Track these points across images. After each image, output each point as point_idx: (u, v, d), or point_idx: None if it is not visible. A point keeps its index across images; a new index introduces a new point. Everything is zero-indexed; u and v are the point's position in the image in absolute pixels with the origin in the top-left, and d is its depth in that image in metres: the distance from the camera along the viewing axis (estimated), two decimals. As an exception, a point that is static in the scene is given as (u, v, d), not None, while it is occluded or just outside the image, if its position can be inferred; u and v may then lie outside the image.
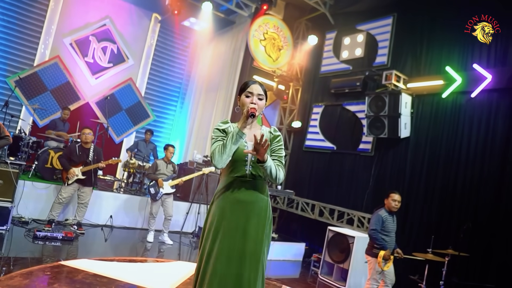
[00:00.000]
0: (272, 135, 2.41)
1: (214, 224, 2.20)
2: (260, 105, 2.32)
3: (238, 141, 2.14)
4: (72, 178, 5.63)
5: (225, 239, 2.15)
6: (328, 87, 7.67)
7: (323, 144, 7.65)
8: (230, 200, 2.22)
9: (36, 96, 8.17)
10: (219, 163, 2.15)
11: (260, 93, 2.32)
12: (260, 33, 8.22)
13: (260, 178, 2.29)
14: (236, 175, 2.25)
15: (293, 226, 7.89)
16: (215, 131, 2.31)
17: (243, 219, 2.20)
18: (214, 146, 2.19)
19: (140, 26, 9.47)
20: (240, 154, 2.23)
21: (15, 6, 7.99)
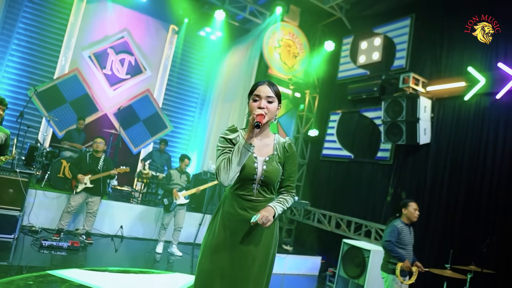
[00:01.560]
0: (286, 153, 2.10)
1: (216, 242, 1.96)
2: (271, 109, 1.98)
3: (246, 154, 1.86)
4: (81, 185, 5.61)
5: (226, 260, 1.93)
6: (346, 94, 7.39)
7: (340, 153, 7.33)
8: (232, 218, 1.98)
9: (56, 108, 8.33)
10: (225, 181, 1.87)
11: (270, 95, 1.99)
12: (275, 40, 8.07)
13: (268, 197, 2.04)
14: (241, 193, 1.99)
15: (309, 238, 7.55)
16: (221, 140, 2.02)
17: (247, 241, 1.96)
18: (219, 160, 1.92)
19: (157, 37, 9.55)
20: (247, 171, 1.96)
21: (37, 21, 8.23)
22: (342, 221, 6.71)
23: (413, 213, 4.15)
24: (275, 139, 2.13)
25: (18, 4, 8.06)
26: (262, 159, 2.03)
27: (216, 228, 2.00)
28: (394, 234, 4.10)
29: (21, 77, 8.12)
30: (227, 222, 1.98)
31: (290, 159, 2.12)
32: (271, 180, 2.02)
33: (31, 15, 8.20)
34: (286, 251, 6.66)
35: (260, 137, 2.08)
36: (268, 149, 2.08)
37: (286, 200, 2.09)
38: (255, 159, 2.01)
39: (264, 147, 2.08)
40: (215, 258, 1.93)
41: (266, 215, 1.88)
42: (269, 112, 1.98)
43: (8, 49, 8.03)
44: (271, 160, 2.04)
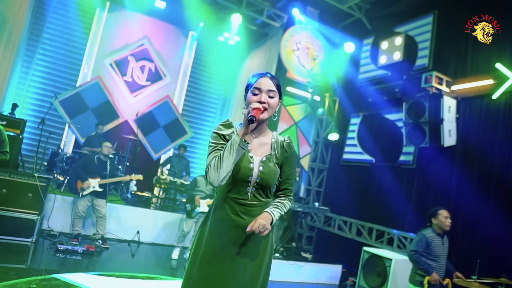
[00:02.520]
0: (285, 153, 1.91)
1: (205, 249, 1.80)
2: (272, 105, 1.82)
3: (239, 153, 1.69)
4: (88, 189, 5.63)
5: (216, 268, 1.77)
6: (366, 96, 7.14)
7: (361, 157, 7.06)
8: (224, 223, 1.81)
9: (78, 115, 8.49)
10: (215, 181, 1.69)
11: (272, 89, 1.82)
12: (293, 43, 7.93)
13: (264, 201, 1.86)
14: (234, 196, 1.82)
15: (330, 246, 7.29)
16: (213, 136, 1.83)
17: (239, 248, 1.80)
18: (210, 157, 1.75)
19: (177, 44, 9.62)
20: (242, 172, 1.79)
21: (61, 31, 8.47)
22: (364, 228, 6.44)
23: (444, 221, 3.87)
24: (273, 138, 1.95)
25: (43, 16, 8.33)
26: (258, 159, 1.85)
27: (206, 233, 1.85)
28: (421, 244, 3.83)
29: (46, 85, 8.35)
30: (218, 227, 1.83)
31: (289, 160, 1.94)
32: (267, 183, 1.84)
33: (55, 26, 8.44)
34: (304, 259, 6.44)
35: (257, 135, 1.90)
36: (265, 149, 1.90)
37: (284, 204, 1.93)
38: (250, 159, 1.83)
39: (261, 146, 1.90)
40: (204, 266, 1.78)
41: (263, 223, 1.72)
42: (270, 108, 1.82)
43: (34, 58, 8.29)
44: (268, 161, 1.86)
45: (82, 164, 5.93)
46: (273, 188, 1.94)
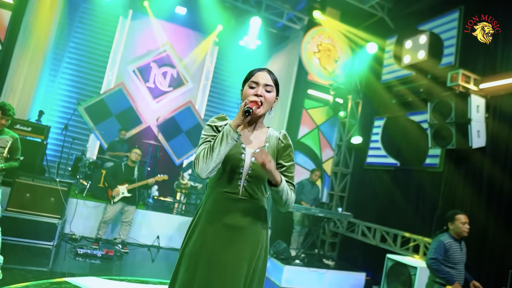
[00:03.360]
0: (281, 144, 1.84)
1: (193, 248, 1.71)
2: (268, 99, 1.77)
3: (230, 144, 1.63)
4: (117, 196, 5.67)
5: (204, 269, 1.66)
6: (390, 97, 6.88)
7: (385, 161, 6.80)
8: (213, 222, 1.72)
9: (103, 121, 8.68)
10: (203, 171, 1.62)
11: (269, 83, 1.78)
12: (314, 45, 7.80)
13: (257, 198, 1.76)
14: (225, 190, 1.73)
15: (353, 253, 7.04)
16: (206, 128, 1.78)
17: (228, 249, 1.69)
18: (200, 148, 1.69)
19: (198, 49, 9.67)
20: (233, 163, 1.72)
21: (86, 40, 8.72)
22: (388, 235, 6.17)
23: (461, 227, 3.63)
24: (268, 132, 1.87)
25: (70, 25, 8.59)
26: (251, 151, 1.77)
27: (194, 232, 1.76)
28: (440, 251, 3.60)
29: (72, 92, 8.59)
30: (207, 225, 1.73)
31: (286, 151, 1.85)
32: (259, 175, 1.74)
33: (80, 35, 8.70)
34: (326, 266, 6.24)
35: (251, 129, 1.84)
36: (259, 141, 1.83)
37: (291, 192, 1.78)
38: (242, 150, 1.76)
39: (255, 138, 1.83)
40: (192, 266, 1.69)
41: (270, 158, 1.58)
42: (266, 102, 1.77)
43: (61, 67, 8.55)
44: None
45: (110, 171, 6.01)
46: (266, 184, 1.80)
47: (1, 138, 3.82)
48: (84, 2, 8.56)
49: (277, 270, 5.87)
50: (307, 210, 6.13)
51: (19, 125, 5.99)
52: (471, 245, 4.34)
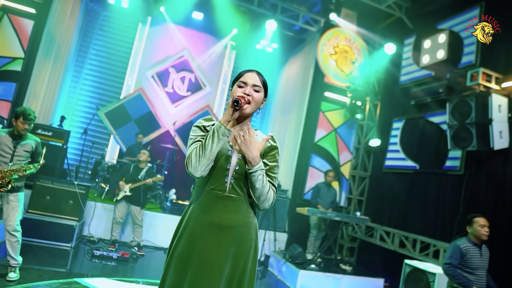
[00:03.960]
0: (267, 144, 1.85)
1: (180, 250, 1.70)
2: (256, 98, 1.79)
3: (222, 140, 1.65)
4: (121, 193, 5.77)
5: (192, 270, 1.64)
6: (409, 99, 6.71)
7: (404, 164, 6.62)
8: (201, 221, 1.70)
9: (122, 126, 8.85)
10: (196, 170, 1.64)
11: (257, 84, 1.81)
12: (330, 47, 7.71)
13: (244, 195, 1.76)
14: (212, 188, 1.73)
15: (372, 258, 6.87)
16: (193, 129, 1.80)
17: (215, 250, 1.67)
18: (190, 148, 1.70)
19: (216, 54, 9.74)
20: (220, 161, 1.73)
21: (106, 47, 8.94)
22: (407, 240, 5.99)
23: (480, 230, 3.48)
24: (256, 133, 1.90)
25: (91, 33, 8.84)
26: (237, 149, 1.79)
27: (182, 232, 1.75)
28: (456, 256, 3.47)
29: (93, 98, 8.80)
30: (194, 225, 1.72)
31: (271, 152, 1.85)
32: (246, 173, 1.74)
33: (101, 42, 8.92)
34: (343, 271, 6.11)
35: (239, 129, 1.85)
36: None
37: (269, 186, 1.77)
38: (230, 147, 1.78)
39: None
40: (180, 267, 1.67)
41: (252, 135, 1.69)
42: (254, 101, 1.79)
43: (82, 73, 8.79)
44: None
45: (120, 172, 6.14)
46: None
47: (26, 143, 3.94)
48: (104, 10, 8.78)
49: (292, 274, 5.79)
50: (323, 214, 6.03)
51: (41, 130, 6.18)
52: (494, 251, 4.15)
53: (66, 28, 7.23)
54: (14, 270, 3.91)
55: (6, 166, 3.80)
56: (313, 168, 7.76)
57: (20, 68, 6.10)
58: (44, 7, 6.23)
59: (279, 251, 6.87)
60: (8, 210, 3.88)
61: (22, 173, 3.82)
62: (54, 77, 7.18)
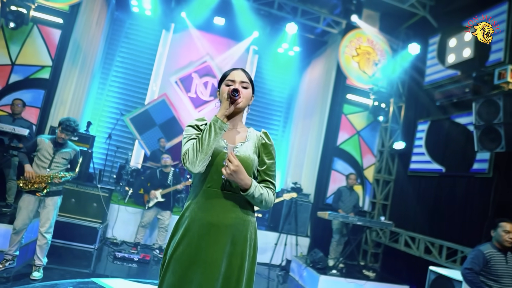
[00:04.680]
0: (262, 141, 1.85)
1: (177, 251, 1.68)
2: (245, 94, 1.80)
3: (219, 134, 1.64)
4: (153, 200, 5.85)
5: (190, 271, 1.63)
6: (434, 100, 6.49)
7: (429, 167, 6.40)
8: (198, 220, 1.69)
9: (147, 131, 9.04)
10: (194, 165, 1.61)
11: (244, 80, 1.82)
12: (352, 48, 7.59)
13: (237, 194, 1.73)
14: (208, 186, 1.71)
15: (397, 264, 6.65)
16: (187, 129, 1.81)
17: (214, 249, 1.65)
18: (187, 145, 1.70)
19: (238, 58, 9.80)
20: (215, 158, 1.71)
21: (131, 54, 9.20)
22: (434, 246, 5.76)
23: (503, 236, 3.31)
24: (249, 130, 1.89)
25: (116, 41, 9.11)
26: (232, 146, 1.78)
27: (179, 232, 1.73)
28: (478, 261, 3.30)
29: (118, 104, 9.05)
30: (192, 224, 1.70)
31: (267, 149, 1.85)
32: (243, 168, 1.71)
33: (126, 49, 9.18)
34: (366, 277, 5.95)
35: (232, 127, 1.86)
36: (240, 137, 1.85)
37: (267, 192, 1.76)
38: (224, 144, 1.77)
39: (236, 135, 1.85)
40: (178, 268, 1.65)
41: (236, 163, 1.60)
42: (244, 98, 1.79)
43: (108, 80, 9.06)
44: (243, 147, 1.79)
45: (146, 177, 6.25)
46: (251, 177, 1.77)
47: (65, 151, 4.11)
48: (129, 18, 9.03)
49: (313, 279, 5.70)
50: (345, 218, 5.91)
51: (67, 135, 6.38)
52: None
53: (92, 36, 7.48)
54: (38, 270, 4.05)
55: (44, 171, 3.99)
56: (335, 171, 7.63)
57: (48, 76, 6.34)
58: (70, 16, 6.46)
59: (301, 256, 6.78)
60: (44, 212, 4.06)
61: (58, 180, 3.98)
62: (81, 84, 7.42)
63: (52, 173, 4.00)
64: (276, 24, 8.34)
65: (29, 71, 6.31)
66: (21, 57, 6.27)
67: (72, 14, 6.48)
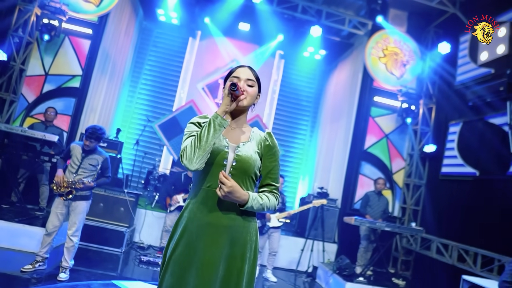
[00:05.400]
0: (266, 142, 1.79)
1: (176, 252, 1.67)
2: (250, 93, 1.75)
3: (218, 131, 1.59)
4: (174, 204, 5.91)
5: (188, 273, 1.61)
6: (466, 100, 6.20)
7: (462, 170, 6.10)
8: (196, 221, 1.66)
9: (175, 137, 9.18)
10: (191, 162, 1.57)
11: (250, 78, 1.77)
12: (379, 50, 7.41)
13: None
14: (208, 186, 1.68)
15: (429, 272, 6.36)
16: (188, 126, 1.78)
17: (212, 250, 1.62)
18: (186, 142, 1.68)
19: (264, 63, 9.80)
20: (217, 157, 1.68)
21: (159, 62, 9.42)
22: (468, 254, 5.46)
23: None
24: (253, 130, 1.84)
25: (145, 50, 9.37)
26: (234, 145, 1.74)
27: (177, 232, 1.71)
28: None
29: (147, 111, 9.27)
30: (190, 224, 1.68)
31: (270, 151, 1.78)
32: (243, 169, 1.68)
33: (154, 57, 9.42)
34: (395, 286, 5.72)
35: (236, 126, 1.82)
36: (243, 137, 1.80)
37: (268, 197, 1.71)
38: (226, 143, 1.73)
39: (239, 134, 1.80)
40: (176, 270, 1.63)
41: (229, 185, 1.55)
42: (249, 96, 1.74)
43: (137, 88, 9.32)
44: (245, 147, 1.74)
45: (170, 182, 6.34)
46: (250, 180, 1.74)
47: (93, 158, 4.25)
48: (157, 27, 9.27)
49: (339, 286, 5.54)
50: (372, 223, 5.72)
51: (97, 141, 6.59)
52: None
53: (121, 45, 7.73)
54: (65, 271, 4.17)
55: (72, 176, 4.13)
56: (363, 176, 7.43)
57: (78, 85, 6.59)
58: (99, 27, 6.71)
59: (328, 262, 6.62)
60: (71, 216, 4.20)
61: (79, 185, 4.10)
62: (111, 92, 7.67)
63: (77, 178, 4.13)
64: (301, 27, 8.28)
65: (61, 81, 6.59)
66: (53, 67, 6.57)
67: (100, 25, 6.72)
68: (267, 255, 6.06)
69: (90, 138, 4.14)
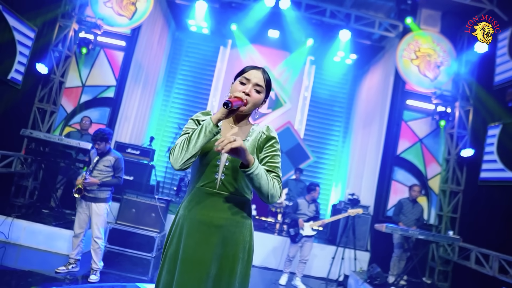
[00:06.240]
0: (262, 135, 1.76)
1: (172, 249, 1.69)
2: (254, 99, 1.71)
3: (208, 137, 1.57)
4: None
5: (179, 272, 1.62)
6: (506, 101, 5.86)
7: (503, 175, 5.74)
8: (189, 219, 1.66)
9: (207, 144, 9.35)
10: (176, 162, 1.56)
11: (260, 83, 1.72)
12: (411, 51, 7.18)
13: (236, 192, 1.69)
14: (202, 185, 1.68)
15: (467, 284, 6.01)
16: (189, 121, 1.78)
17: (202, 248, 1.62)
18: (179, 139, 1.67)
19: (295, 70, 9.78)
20: (210, 156, 1.68)
21: (191, 71, 9.68)
22: (510, 265, 5.12)
23: None
24: (252, 128, 1.80)
25: (177, 59, 9.65)
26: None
27: (173, 231, 1.74)
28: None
29: (180, 119, 9.51)
30: (184, 223, 1.69)
31: (268, 142, 1.75)
32: (237, 167, 1.63)
33: (187, 67, 9.68)
34: (430, 297, 5.46)
35: (235, 125, 1.80)
36: (241, 135, 1.76)
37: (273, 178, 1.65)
38: None
39: (237, 133, 1.76)
40: (172, 267, 1.66)
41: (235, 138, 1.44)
42: (251, 103, 1.70)
43: (171, 97, 9.60)
44: None
45: None
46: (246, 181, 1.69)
47: (106, 159, 4.42)
48: (189, 38, 9.53)
49: (369, 296, 5.36)
50: (404, 231, 5.49)
51: (130, 149, 6.85)
52: None
53: (154, 56, 8.01)
54: (95, 273, 4.34)
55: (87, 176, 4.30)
56: (396, 182, 7.18)
57: (113, 95, 6.89)
58: (132, 39, 7.00)
59: (360, 271, 6.43)
60: (91, 218, 4.37)
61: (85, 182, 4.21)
62: (144, 101, 7.95)
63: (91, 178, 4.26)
64: (330, 32, 8.19)
65: (97, 91, 6.92)
66: (90, 78, 6.91)
67: (133, 37, 7.01)
68: (297, 263, 5.98)
69: (96, 140, 4.30)
